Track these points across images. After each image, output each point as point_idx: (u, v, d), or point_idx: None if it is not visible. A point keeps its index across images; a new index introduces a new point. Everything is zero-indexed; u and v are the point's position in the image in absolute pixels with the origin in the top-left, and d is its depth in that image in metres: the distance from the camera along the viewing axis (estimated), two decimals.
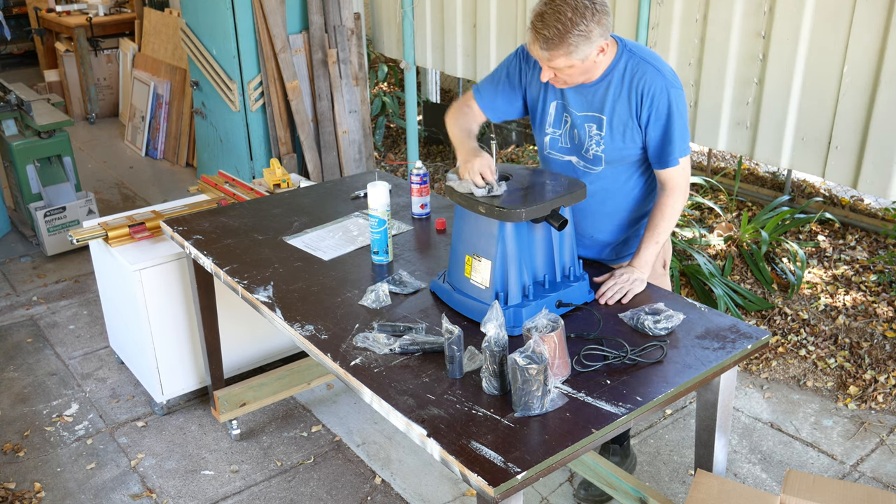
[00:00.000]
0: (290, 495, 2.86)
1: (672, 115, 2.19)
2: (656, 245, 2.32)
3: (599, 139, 2.26)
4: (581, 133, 2.29)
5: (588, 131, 2.28)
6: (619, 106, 2.21)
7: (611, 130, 2.24)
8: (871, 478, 2.88)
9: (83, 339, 3.86)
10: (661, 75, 2.17)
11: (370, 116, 5.48)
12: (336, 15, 4.65)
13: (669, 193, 2.29)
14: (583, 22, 2.02)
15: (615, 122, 2.23)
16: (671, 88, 2.17)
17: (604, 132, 2.25)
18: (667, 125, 2.20)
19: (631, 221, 2.44)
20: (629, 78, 2.19)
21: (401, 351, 2.00)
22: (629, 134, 2.24)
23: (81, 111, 7.37)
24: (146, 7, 6.65)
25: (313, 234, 2.72)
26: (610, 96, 2.21)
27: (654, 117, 2.19)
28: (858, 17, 2.96)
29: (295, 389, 3.25)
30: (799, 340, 3.64)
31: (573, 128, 2.30)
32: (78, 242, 3.10)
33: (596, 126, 2.26)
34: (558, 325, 1.85)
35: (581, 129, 2.29)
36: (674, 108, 2.18)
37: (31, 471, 3.00)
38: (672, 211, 2.30)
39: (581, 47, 2.06)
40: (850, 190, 4.95)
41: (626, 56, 2.20)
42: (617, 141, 2.25)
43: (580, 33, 2.03)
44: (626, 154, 2.28)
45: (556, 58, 2.08)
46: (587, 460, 2.61)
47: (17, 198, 4.97)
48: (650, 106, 2.18)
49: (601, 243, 2.47)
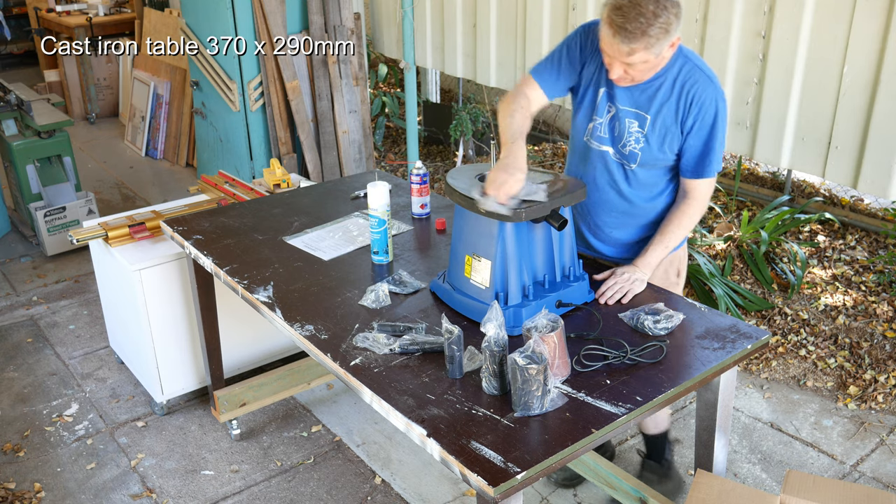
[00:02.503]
0: (290, 495, 2.86)
1: (716, 127, 2.16)
2: (664, 249, 2.29)
3: (639, 136, 2.22)
4: (622, 126, 2.25)
5: (629, 126, 2.23)
6: (665, 109, 2.17)
7: (653, 131, 2.20)
8: (871, 478, 2.88)
9: (83, 339, 3.86)
10: (713, 85, 2.14)
11: (370, 116, 5.48)
12: (336, 15, 4.65)
13: (690, 203, 2.27)
14: (664, 14, 1.96)
15: (658, 124, 2.19)
16: (720, 100, 2.15)
17: (645, 131, 2.21)
18: (710, 136, 2.17)
19: (651, 225, 2.38)
20: (681, 83, 2.14)
21: (401, 351, 2.00)
22: (669, 138, 2.20)
23: (81, 111, 7.37)
24: (146, 7, 6.65)
25: (313, 234, 2.72)
26: (659, 97, 2.17)
27: (698, 126, 2.16)
28: (858, 17, 2.96)
29: (295, 389, 3.25)
30: (799, 340, 3.64)
31: (615, 119, 2.25)
32: (78, 242, 3.10)
33: (638, 123, 2.22)
34: (558, 325, 1.85)
35: (622, 122, 2.24)
36: (719, 120, 2.16)
37: (31, 471, 3.00)
38: (688, 220, 2.28)
39: (661, 41, 2.00)
40: (850, 190, 4.94)
41: (681, 60, 2.15)
42: (655, 143, 2.21)
43: (661, 26, 1.97)
44: (661, 157, 2.24)
45: (636, 52, 2.01)
46: (587, 460, 2.61)
47: (17, 198, 4.97)
48: (697, 114, 2.14)
49: (620, 242, 2.43)
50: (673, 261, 2.46)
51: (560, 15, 4.00)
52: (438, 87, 6.91)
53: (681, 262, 2.51)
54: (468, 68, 4.73)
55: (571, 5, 3.92)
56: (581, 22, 3.87)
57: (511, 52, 4.38)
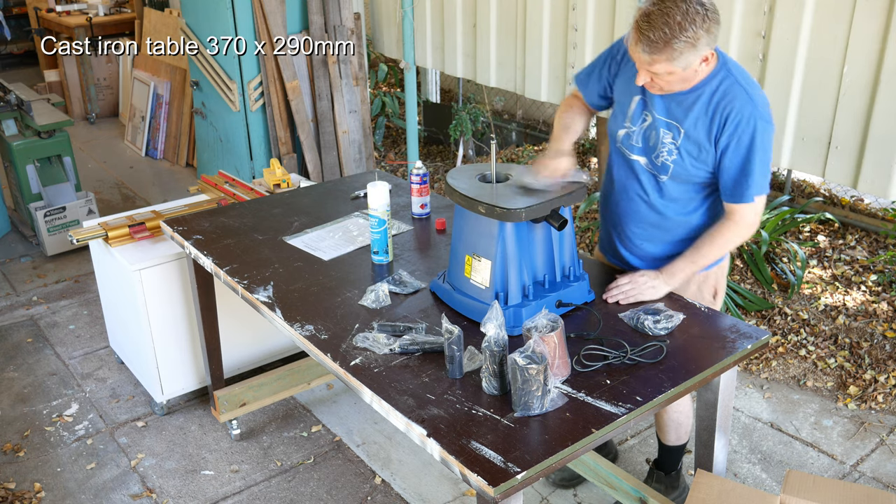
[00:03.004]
0: (290, 495, 2.86)
1: (754, 148, 2.05)
2: (691, 264, 2.20)
3: (673, 148, 2.14)
4: (657, 136, 2.17)
5: (663, 137, 2.16)
6: (700, 124, 2.09)
7: (687, 144, 2.12)
8: (871, 478, 2.88)
9: (83, 339, 3.86)
10: (751, 103, 2.04)
11: (370, 116, 5.48)
12: (336, 15, 4.65)
13: (729, 225, 2.16)
14: (692, 28, 1.90)
15: (691, 139, 2.11)
16: (759, 120, 2.04)
17: (679, 143, 2.13)
18: (747, 157, 2.06)
19: (684, 241, 2.28)
20: (719, 98, 2.06)
21: (401, 351, 2.00)
22: (702, 155, 2.11)
23: (81, 111, 7.37)
24: (146, 7, 6.65)
25: (313, 234, 2.72)
26: (695, 111, 2.09)
27: (733, 145, 2.06)
28: (858, 17, 2.96)
29: (295, 389, 3.25)
30: (799, 340, 3.64)
31: (651, 128, 2.18)
32: (78, 242, 3.10)
33: (672, 135, 2.14)
34: (558, 325, 1.85)
35: (658, 131, 2.16)
36: (757, 141, 2.04)
37: (31, 471, 3.00)
38: (723, 241, 2.18)
39: (686, 55, 1.94)
40: (850, 190, 4.94)
41: (722, 73, 2.07)
42: (688, 157, 2.13)
43: (687, 40, 1.91)
44: (693, 173, 2.16)
45: (657, 62, 1.96)
46: (587, 460, 2.61)
47: (17, 198, 4.97)
48: (733, 133, 2.05)
49: (650, 255, 2.34)
50: (708, 278, 2.36)
51: (560, 15, 4.00)
52: (438, 87, 6.91)
53: (717, 282, 2.40)
54: (468, 68, 4.73)
55: (571, 5, 3.91)
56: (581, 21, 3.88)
57: (511, 52, 4.38)
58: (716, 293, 2.41)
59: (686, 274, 2.22)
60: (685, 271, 2.22)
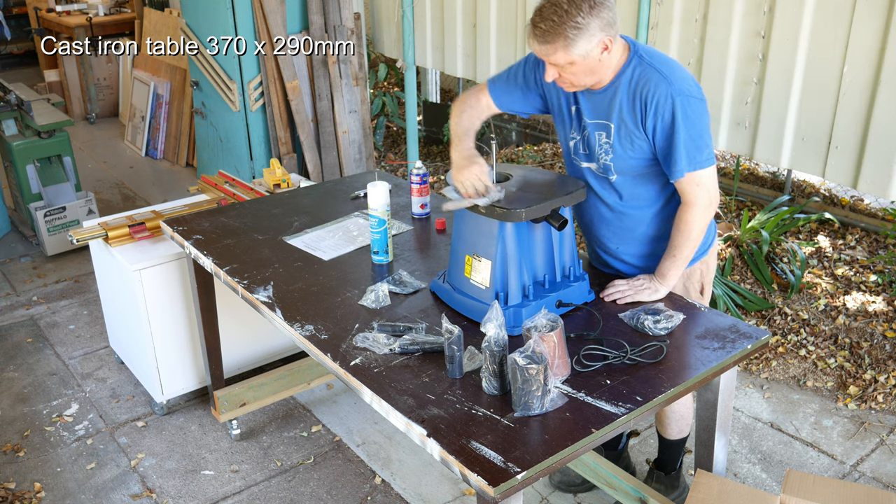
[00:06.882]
0: (290, 495, 2.86)
1: (677, 123, 2.05)
2: (674, 259, 2.22)
3: (608, 148, 2.18)
4: (592, 140, 2.21)
5: (598, 139, 2.19)
6: (625, 114, 2.12)
7: (619, 139, 2.15)
8: (871, 478, 2.88)
9: (83, 339, 3.86)
10: (666, 82, 2.06)
11: (370, 116, 5.48)
12: (336, 15, 4.65)
13: (685, 208, 2.17)
14: (579, 14, 1.95)
15: (622, 131, 2.14)
16: (677, 96, 2.05)
17: (612, 140, 2.16)
18: (671, 134, 2.08)
19: (654, 237, 2.31)
20: (635, 84, 2.09)
21: (401, 351, 2.00)
22: (637, 143, 2.14)
23: (81, 111, 7.37)
24: (146, 7, 6.65)
25: (313, 234, 2.72)
26: (617, 103, 2.12)
27: (659, 125, 2.08)
28: (858, 17, 2.96)
29: (295, 389, 3.25)
30: (799, 340, 3.64)
31: (589, 134, 2.22)
32: (78, 242, 3.10)
33: (605, 134, 2.18)
34: (558, 325, 1.85)
35: (592, 136, 2.21)
36: (678, 115, 2.05)
37: (31, 471, 3.00)
38: (686, 225, 2.17)
39: (578, 41, 1.97)
40: (850, 190, 4.95)
41: (634, 62, 2.10)
42: (625, 150, 2.15)
43: (576, 25, 1.95)
44: (634, 164, 2.18)
45: (553, 52, 2.00)
46: (587, 460, 2.61)
47: (17, 198, 4.97)
48: (655, 113, 2.07)
49: (631, 255, 2.36)
50: (693, 273, 2.37)
51: None
52: (438, 87, 6.91)
53: (704, 277, 2.40)
54: (468, 68, 4.73)
55: None
56: None
57: (511, 52, 4.38)
58: (703, 288, 2.43)
59: (675, 271, 2.24)
60: (672, 269, 2.23)
